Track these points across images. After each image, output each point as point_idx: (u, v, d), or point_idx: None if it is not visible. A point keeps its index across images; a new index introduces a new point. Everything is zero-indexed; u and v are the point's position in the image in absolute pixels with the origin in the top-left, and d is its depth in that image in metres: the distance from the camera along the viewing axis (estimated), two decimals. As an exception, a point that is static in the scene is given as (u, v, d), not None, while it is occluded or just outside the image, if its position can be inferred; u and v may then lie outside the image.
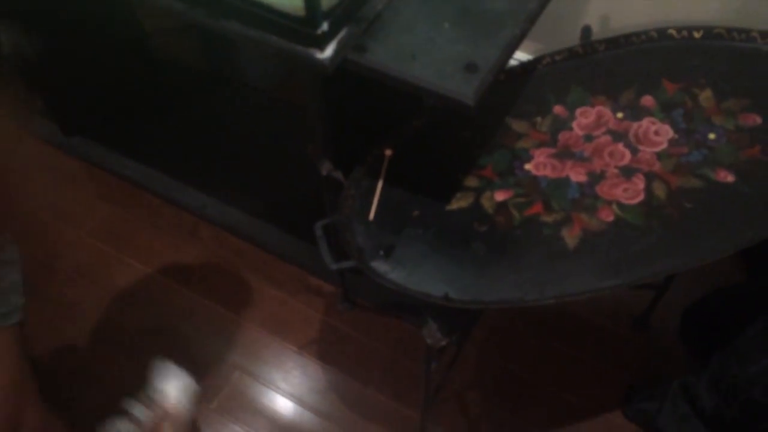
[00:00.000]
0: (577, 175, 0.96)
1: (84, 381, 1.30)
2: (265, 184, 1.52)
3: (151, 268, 1.44)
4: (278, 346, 1.33)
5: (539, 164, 0.99)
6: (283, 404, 1.26)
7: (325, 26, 0.79)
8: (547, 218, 0.93)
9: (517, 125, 1.04)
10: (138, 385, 1.08)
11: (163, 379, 1.08)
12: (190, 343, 1.34)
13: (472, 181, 0.99)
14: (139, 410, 1.04)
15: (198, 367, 1.31)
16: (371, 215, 0.96)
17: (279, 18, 0.80)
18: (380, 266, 0.91)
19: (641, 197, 0.92)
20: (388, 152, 1.02)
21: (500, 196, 0.96)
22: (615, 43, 1.08)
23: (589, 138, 1.00)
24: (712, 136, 0.96)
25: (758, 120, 0.95)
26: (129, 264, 1.45)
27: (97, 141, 1.65)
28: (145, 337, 1.35)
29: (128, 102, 1.69)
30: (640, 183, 0.94)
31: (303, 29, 0.79)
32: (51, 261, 1.46)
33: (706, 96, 1.00)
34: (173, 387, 1.07)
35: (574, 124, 1.02)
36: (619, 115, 1.01)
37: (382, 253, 0.92)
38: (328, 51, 0.81)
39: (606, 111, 1.02)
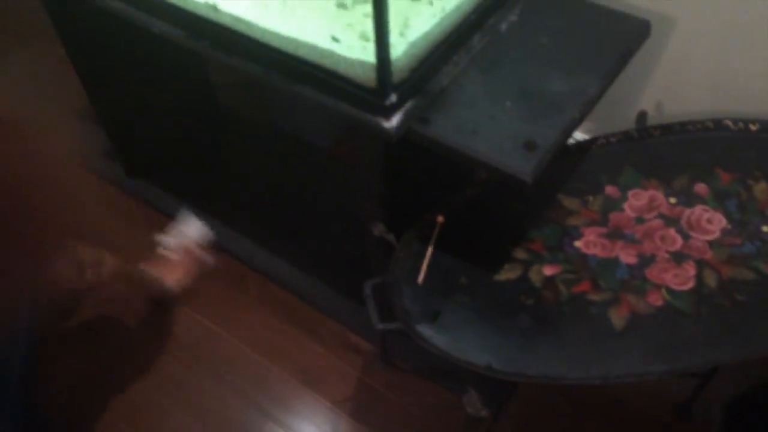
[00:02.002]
0: (627, 257, 0.97)
1: (116, 415, 1.32)
2: (315, 240, 1.56)
3: (197, 311, 1.48)
4: (312, 400, 1.33)
5: (589, 242, 1.00)
6: (313, 459, 1.26)
7: (393, 98, 0.83)
8: (595, 297, 0.93)
9: (569, 202, 1.06)
10: None
11: (185, 223, 1.46)
12: (226, 388, 1.36)
13: (521, 254, 1.01)
14: (166, 241, 1.43)
15: (231, 413, 1.32)
16: (420, 279, 0.98)
17: (350, 87, 0.85)
18: (425, 330, 0.92)
19: (691, 284, 0.92)
20: (440, 219, 1.05)
21: (548, 271, 0.98)
22: (670, 129, 1.10)
23: (640, 220, 1.01)
24: (765, 228, 0.96)
25: (813, 216, 0.95)
26: (176, 306, 1.49)
27: (157, 184, 1.72)
28: (182, 378, 1.37)
29: (190, 149, 1.77)
30: (691, 270, 0.94)
31: (373, 99, 0.83)
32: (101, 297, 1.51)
33: (761, 188, 1.00)
34: (192, 229, 1.46)
35: (626, 206, 1.03)
36: (672, 200, 1.02)
37: (428, 317, 0.93)
38: (394, 121, 0.85)
39: (659, 195, 1.03)
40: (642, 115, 1.11)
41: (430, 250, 1.01)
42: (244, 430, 1.30)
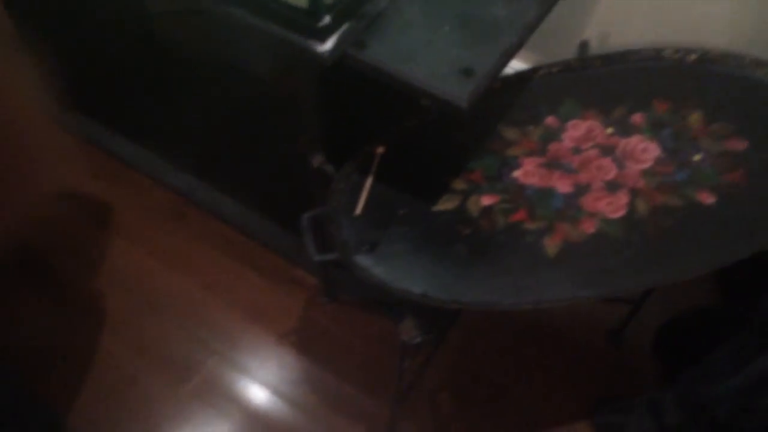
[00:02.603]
0: (563, 186, 0.98)
1: (51, 357, 1.30)
2: (255, 173, 1.53)
3: (136, 246, 1.45)
4: (256, 335, 1.34)
5: (527, 172, 1.00)
6: (257, 392, 1.27)
7: (327, 19, 0.80)
8: (530, 226, 0.94)
9: (509, 133, 1.05)
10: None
11: None
12: (169, 324, 1.35)
13: (460, 184, 1.00)
14: None
15: (174, 349, 1.31)
16: (358, 210, 0.97)
17: (283, 8, 0.81)
18: (363, 261, 0.92)
19: (623, 212, 0.94)
20: (380, 150, 1.03)
21: (486, 201, 0.98)
22: (610, 59, 1.09)
23: (577, 150, 1.02)
24: (697, 157, 0.98)
25: (744, 145, 0.97)
26: (114, 242, 1.46)
27: (92, 117, 1.65)
28: (124, 314, 1.35)
29: (125, 81, 1.69)
30: (623, 198, 0.95)
31: (305, 21, 0.80)
32: (35, 233, 1.46)
33: (695, 118, 1.02)
34: None
35: (565, 136, 1.04)
36: (609, 130, 1.03)
37: (365, 248, 0.93)
38: (329, 44, 0.82)
39: (596, 125, 1.04)
40: (584, 45, 1.11)
41: (369, 182, 1.00)
42: (188, 365, 1.30)
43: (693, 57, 1.08)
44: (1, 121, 1.04)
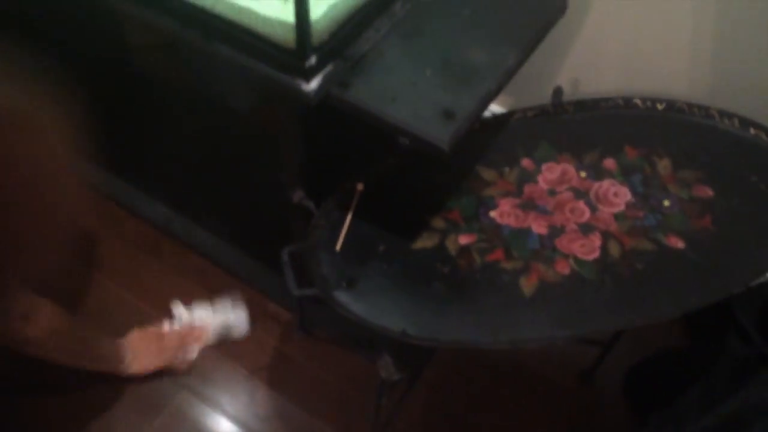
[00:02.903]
0: (538, 227, 1.00)
1: (16, 386, 1.27)
2: (232, 207, 1.53)
3: (108, 278, 1.43)
4: (229, 369, 1.32)
5: (504, 213, 1.03)
6: (227, 427, 1.25)
7: (313, 60, 0.82)
8: (507, 265, 0.96)
9: (486, 173, 1.08)
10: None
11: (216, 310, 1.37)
12: (140, 358, 1.32)
13: (438, 223, 1.02)
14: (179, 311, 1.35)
15: (144, 384, 1.29)
16: (338, 246, 0.98)
17: (269, 48, 0.83)
18: (342, 296, 0.92)
19: (596, 254, 0.96)
20: (360, 187, 1.05)
21: (464, 240, 1.00)
22: (583, 105, 1.13)
23: (552, 192, 1.04)
24: (666, 203, 1.01)
25: (710, 192, 1.01)
26: (86, 272, 1.43)
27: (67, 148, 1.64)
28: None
29: (104, 111, 1.69)
30: (596, 240, 0.98)
31: (292, 61, 0.82)
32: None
33: (664, 165, 1.06)
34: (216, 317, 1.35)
35: (540, 178, 1.06)
36: (582, 174, 1.06)
37: (344, 284, 0.93)
38: (314, 83, 0.84)
39: (570, 168, 1.07)
40: (558, 91, 1.14)
41: (348, 218, 1.01)
42: (158, 400, 1.27)
43: (661, 106, 1.12)
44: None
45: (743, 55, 1.13)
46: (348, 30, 0.87)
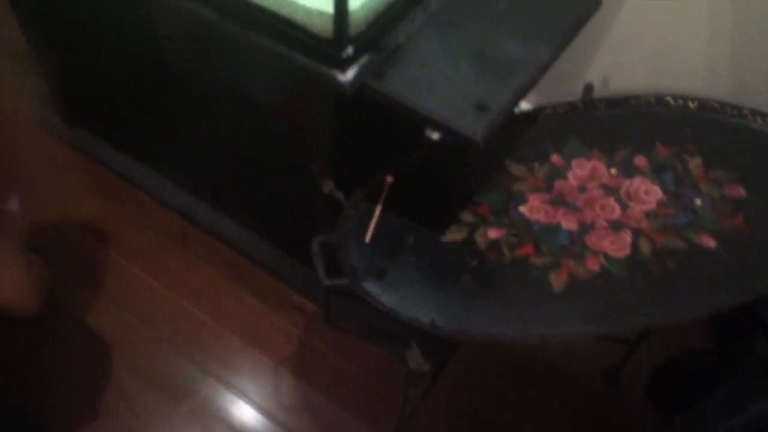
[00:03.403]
0: (568, 223, 1.00)
1: (51, 369, 1.29)
2: (259, 197, 1.54)
3: (137, 266, 1.45)
4: (255, 358, 1.33)
5: (533, 208, 1.02)
6: (252, 416, 1.26)
7: (349, 50, 0.83)
8: (536, 260, 0.96)
9: (516, 168, 1.08)
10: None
11: None
12: (167, 345, 1.34)
13: (467, 216, 1.02)
14: None
15: (171, 369, 1.31)
16: (368, 237, 0.99)
17: (307, 37, 0.84)
18: (372, 287, 0.93)
19: (627, 252, 0.96)
20: (390, 179, 1.05)
21: (493, 234, 1.00)
22: (614, 103, 1.13)
23: (582, 189, 1.04)
24: (698, 201, 1.00)
25: (742, 192, 1.00)
26: (115, 259, 1.45)
27: (97, 135, 1.66)
28: (122, 333, 1.35)
29: (132, 100, 1.71)
30: (627, 238, 0.98)
31: (329, 51, 0.83)
32: (37, 248, 1.45)
33: (695, 163, 1.05)
34: None
35: (570, 174, 1.06)
36: (613, 171, 1.06)
37: (374, 275, 0.94)
38: (350, 74, 0.84)
39: (600, 165, 1.07)
40: (588, 88, 1.14)
41: (378, 210, 1.02)
42: (184, 386, 1.29)
43: (693, 104, 1.11)
44: (6, 135, 1.04)
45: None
46: (384, 21, 0.88)
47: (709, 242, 0.95)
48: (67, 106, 1.65)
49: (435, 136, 1.08)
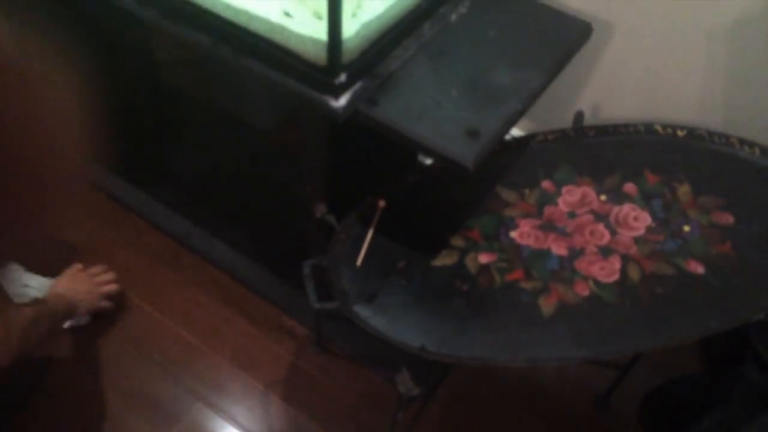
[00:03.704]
0: (558, 248, 1.01)
1: (41, 392, 1.28)
2: (252, 221, 1.55)
3: (129, 289, 1.44)
4: (244, 382, 1.32)
5: (524, 233, 1.03)
6: (241, 441, 1.26)
7: (343, 77, 0.84)
8: (527, 285, 0.97)
9: (507, 194, 1.09)
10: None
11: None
12: (156, 369, 1.33)
13: (458, 241, 1.03)
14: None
15: (160, 393, 1.30)
16: (359, 261, 0.99)
17: (300, 64, 0.85)
18: (362, 311, 0.93)
19: (616, 277, 0.97)
20: (382, 203, 1.06)
21: (484, 259, 1.00)
22: (604, 130, 1.15)
23: (572, 215, 1.05)
24: (686, 228, 1.02)
25: (730, 219, 1.02)
26: (105, 281, 1.45)
27: (90, 158, 1.66)
28: (112, 355, 1.34)
29: (126, 123, 1.72)
30: (616, 263, 0.99)
31: (322, 77, 0.84)
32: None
33: (684, 190, 1.06)
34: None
35: (560, 200, 1.07)
36: (603, 197, 1.07)
37: (365, 298, 0.94)
38: (342, 100, 0.86)
39: (590, 192, 1.08)
40: (579, 116, 1.16)
41: (370, 233, 1.03)
42: (174, 411, 1.28)
43: (682, 133, 1.13)
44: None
45: (763, 85, 1.15)
46: (378, 49, 0.90)
47: (698, 268, 0.96)
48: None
49: (427, 160, 1.09)
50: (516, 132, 1.44)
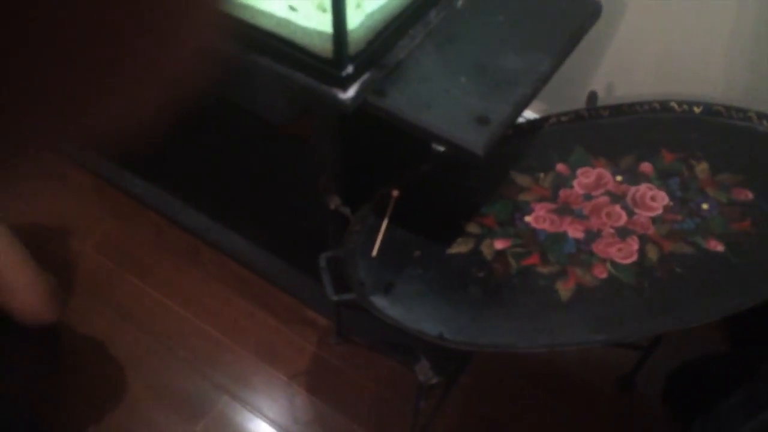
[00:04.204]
0: (574, 232, 1.00)
1: (68, 390, 1.31)
2: (269, 214, 1.56)
3: (150, 286, 1.46)
4: (268, 374, 1.34)
5: (539, 217, 1.03)
6: (267, 432, 1.27)
7: (350, 69, 0.84)
8: (543, 270, 0.96)
9: (521, 179, 1.08)
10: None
11: None
12: (181, 363, 1.36)
13: (473, 228, 1.03)
14: None
15: (186, 387, 1.32)
16: (374, 252, 0.99)
17: (307, 57, 0.85)
18: (379, 301, 0.94)
19: (634, 258, 0.96)
20: (395, 193, 1.06)
21: (499, 245, 1.00)
22: (619, 110, 1.13)
23: (588, 197, 1.04)
24: (705, 206, 1.00)
25: (750, 195, 1.00)
26: (129, 280, 1.47)
27: (109, 157, 1.69)
28: (137, 352, 1.36)
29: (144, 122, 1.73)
30: (634, 244, 0.98)
31: (329, 70, 0.84)
32: (52, 270, 1.48)
33: (702, 168, 1.05)
34: None
35: (575, 183, 1.06)
36: (618, 178, 1.06)
37: (382, 289, 0.95)
38: (350, 92, 0.85)
39: (606, 173, 1.07)
40: (592, 96, 1.14)
41: (384, 224, 1.03)
42: (199, 404, 1.30)
43: (698, 109, 1.11)
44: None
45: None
46: (384, 38, 0.89)
47: (717, 246, 0.95)
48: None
49: (440, 148, 1.08)
50: (528, 114, 1.42)
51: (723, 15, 1.13)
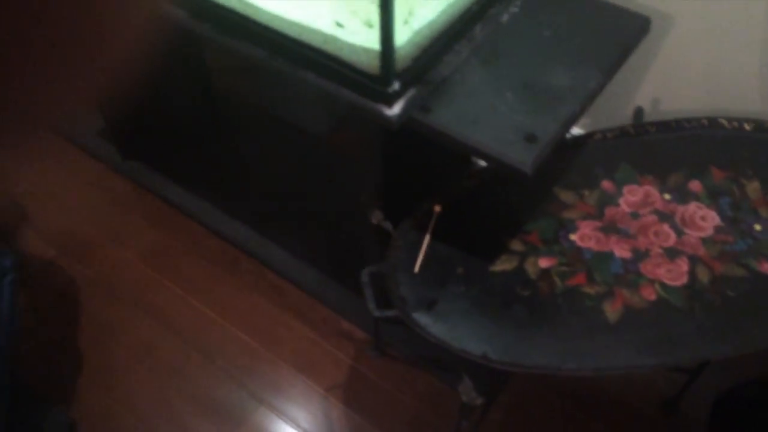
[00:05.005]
0: (621, 251, 0.98)
1: (111, 398, 1.33)
2: (309, 226, 1.56)
3: (190, 295, 1.48)
4: (305, 386, 1.34)
5: (584, 236, 1.01)
6: (303, 445, 1.27)
7: (396, 85, 0.84)
8: (590, 290, 0.94)
9: (565, 195, 1.06)
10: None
11: None
12: (219, 373, 1.36)
13: (517, 245, 1.01)
14: None
15: (224, 397, 1.33)
16: (417, 268, 0.99)
17: (354, 73, 0.85)
18: (422, 318, 0.93)
19: (684, 280, 0.93)
20: (438, 208, 1.05)
21: (544, 263, 0.98)
22: (666, 126, 1.11)
23: (635, 215, 1.02)
24: (758, 227, 0.97)
25: (805, 216, 0.97)
26: (170, 289, 1.49)
27: (151, 167, 1.72)
28: (176, 361, 1.38)
29: (185, 132, 1.76)
30: (683, 265, 0.95)
31: (375, 86, 0.84)
32: (96, 278, 1.51)
33: (753, 187, 1.02)
34: None
35: (621, 201, 1.04)
36: (667, 196, 1.03)
37: (424, 306, 0.94)
38: (396, 108, 0.85)
39: (653, 191, 1.04)
40: (639, 111, 1.12)
41: (427, 239, 1.02)
42: (236, 414, 1.31)
43: (749, 126, 1.08)
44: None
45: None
46: (430, 55, 0.89)
47: (771, 269, 0.92)
48: (123, 139, 1.71)
49: (481, 163, 1.07)
50: (574, 130, 1.40)
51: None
